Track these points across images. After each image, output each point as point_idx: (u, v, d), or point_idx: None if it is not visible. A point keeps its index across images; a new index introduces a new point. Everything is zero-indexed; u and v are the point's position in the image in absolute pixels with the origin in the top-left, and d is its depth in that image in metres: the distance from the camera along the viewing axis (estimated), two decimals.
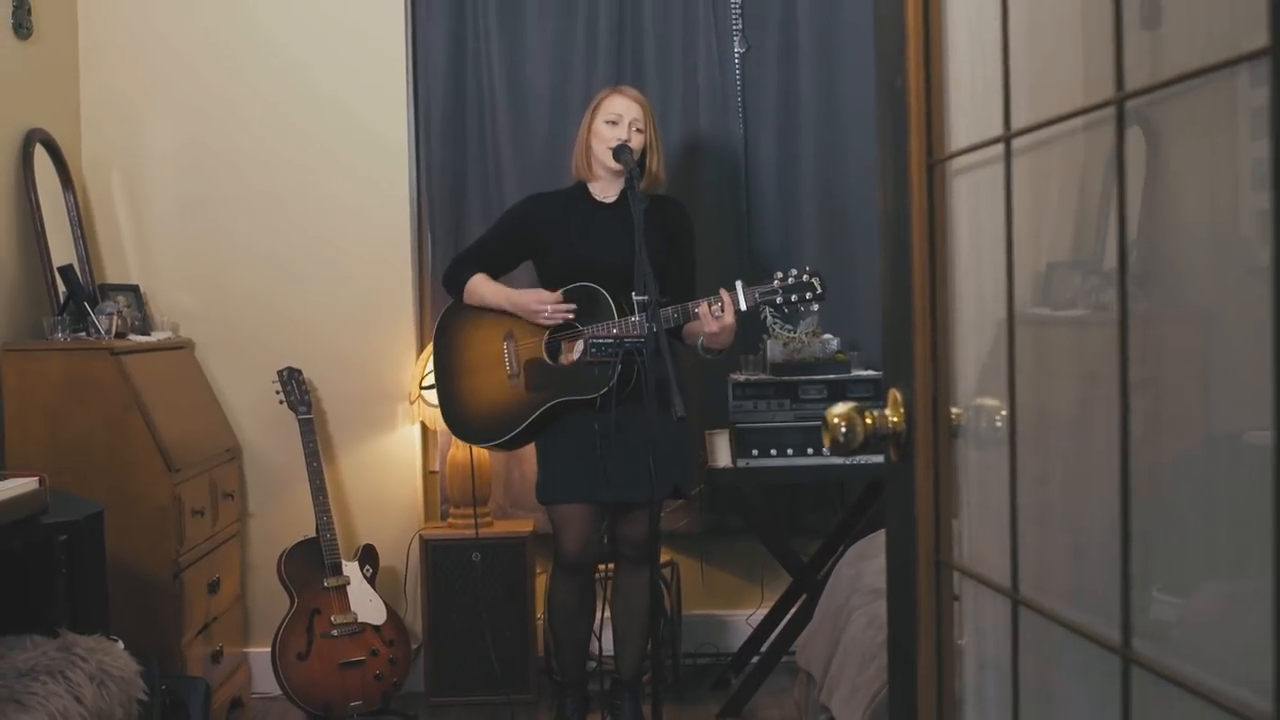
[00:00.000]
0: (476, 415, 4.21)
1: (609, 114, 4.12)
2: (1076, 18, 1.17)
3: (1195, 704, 0.96)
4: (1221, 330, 1.03)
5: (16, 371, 4.09)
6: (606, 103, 4.15)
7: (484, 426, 4.19)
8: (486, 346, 4.20)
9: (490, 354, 4.19)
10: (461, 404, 4.22)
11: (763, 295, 4.02)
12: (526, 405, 4.10)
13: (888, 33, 1.52)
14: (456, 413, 4.24)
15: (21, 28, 4.33)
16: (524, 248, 4.27)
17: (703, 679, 5.00)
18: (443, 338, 4.29)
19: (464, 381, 4.22)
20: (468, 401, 4.21)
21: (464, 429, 4.26)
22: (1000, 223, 1.33)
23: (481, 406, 4.19)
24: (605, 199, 4.22)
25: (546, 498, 4.16)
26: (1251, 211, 0.95)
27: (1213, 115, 0.98)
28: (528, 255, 4.30)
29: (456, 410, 4.23)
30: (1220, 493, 1.02)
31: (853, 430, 1.51)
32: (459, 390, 4.23)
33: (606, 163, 4.11)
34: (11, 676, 2.90)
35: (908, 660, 1.51)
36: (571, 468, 4.05)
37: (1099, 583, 1.13)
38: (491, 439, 4.19)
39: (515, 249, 4.28)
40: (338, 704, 4.46)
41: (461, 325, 4.26)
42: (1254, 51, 0.82)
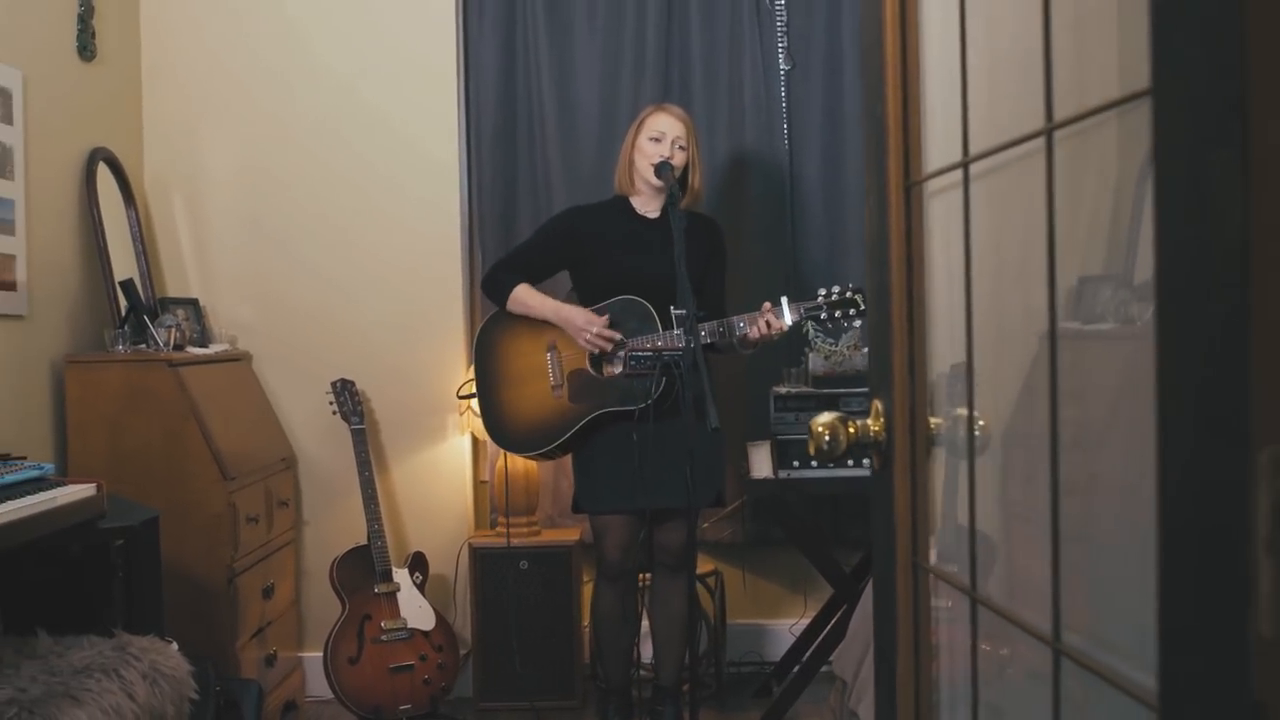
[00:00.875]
0: (519, 425, 4.31)
1: (653, 131, 4.21)
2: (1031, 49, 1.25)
3: (1109, 690, 1.03)
4: (1130, 349, 1.10)
5: (78, 382, 4.24)
6: (651, 120, 4.24)
7: (527, 436, 4.29)
8: (529, 358, 4.29)
9: (533, 365, 4.28)
10: (504, 414, 4.32)
11: (807, 311, 4.10)
12: (570, 416, 4.20)
13: (871, 62, 1.60)
14: (499, 422, 4.33)
15: (86, 50, 4.50)
16: (565, 258, 4.36)
17: (746, 687, 5.06)
18: (485, 348, 4.38)
19: (507, 392, 4.32)
20: (510, 412, 4.31)
21: (506, 438, 4.35)
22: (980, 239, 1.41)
23: (524, 417, 4.29)
24: (647, 213, 4.30)
25: (587, 507, 4.25)
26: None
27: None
28: (567, 266, 4.39)
29: (499, 420, 4.33)
30: (1134, 501, 1.09)
31: (835, 439, 1.59)
32: (501, 400, 4.32)
33: (649, 179, 4.20)
34: (67, 674, 3.03)
35: (889, 658, 1.58)
36: (611, 477, 4.14)
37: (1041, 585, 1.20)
38: (534, 449, 4.29)
39: (556, 259, 4.38)
40: (387, 707, 4.58)
41: (504, 336, 4.35)
42: (1139, 92, 0.89)
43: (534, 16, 5.11)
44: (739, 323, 4.06)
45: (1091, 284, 1.47)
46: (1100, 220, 1.43)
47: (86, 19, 4.47)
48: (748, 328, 4.05)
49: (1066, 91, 1.12)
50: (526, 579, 4.83)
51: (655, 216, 4.28)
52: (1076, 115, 1.09)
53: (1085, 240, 1.43)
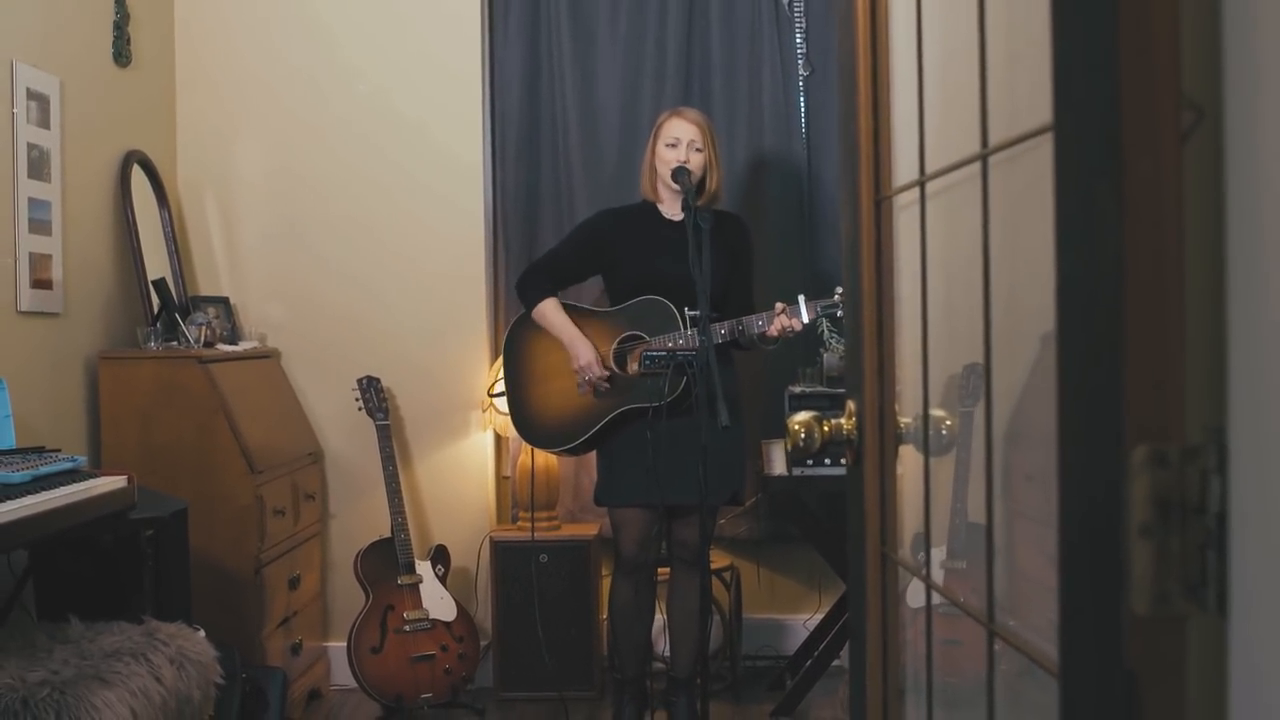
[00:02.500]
0: (546, 421, 4.43)
1: (669, 137, 4.32)
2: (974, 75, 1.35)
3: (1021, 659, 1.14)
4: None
5: (112, 378, 4.38)
6: (666, 126, 4.35)
7: (553, 432, 4.42)
8: (556, 356, 4.42)
9: (559, 363, 4.41)
10: (531, 410, 4.45)
11: (824, 308, 4.22)
12: (594, 413, 4.32)
13: (845, 84, 1.70)
14: (526, 418, 4.46)
15: (121, 56, 4.64)
16: (597, 261, 4.48)
17: (761, 680, 5.16)
18: (513, 346, 4.52)
19: (534, 389, 4.45)
20: (537, 408, 4.44)
21: (533, 434, 4.48)
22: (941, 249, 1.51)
23: (551, 413, 4.42)
24: (672, 217, 4.42)
25: (606, 500, 4.37)
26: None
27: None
28: (599, 269, 4.51)
29: (526, 416, 4.46)
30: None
31: (811, 436, 1.69)
32: (529, 397, 4.45)
33: (669, 184, 4.31)
34: (98, 657, 3.16)
35: (860, 641, 1.68)
36: (629, 472, 4.26)
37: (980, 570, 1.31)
38: (560, 444, 4.42)
39: (588, 262, 4.50)
40: (409, 696, 4.70)
41: (532, 335, 4.48)
42: (1043, 127, 0.99)
43: (557, 24, 5.23)
44: (757, 322, 4.17)
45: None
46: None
47: (122, 26, 4.62)
48: (766, 326, 4.16)
49: (1001, 118, 1.22)
50: (546, 572, 4.94)
51: (680, 219, 4.39)
52: (1005, 142, 1.20)
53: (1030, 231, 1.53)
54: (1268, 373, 0.80)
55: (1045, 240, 1.12)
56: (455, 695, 4.79)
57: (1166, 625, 0.88)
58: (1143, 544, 0.88)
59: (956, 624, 1.85)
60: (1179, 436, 0.87)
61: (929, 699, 1.50)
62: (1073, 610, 0.96)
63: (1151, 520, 0.88)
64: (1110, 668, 0.90)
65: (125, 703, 2.99)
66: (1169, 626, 0.88)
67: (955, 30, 1.43)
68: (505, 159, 5.27)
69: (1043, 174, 1.17)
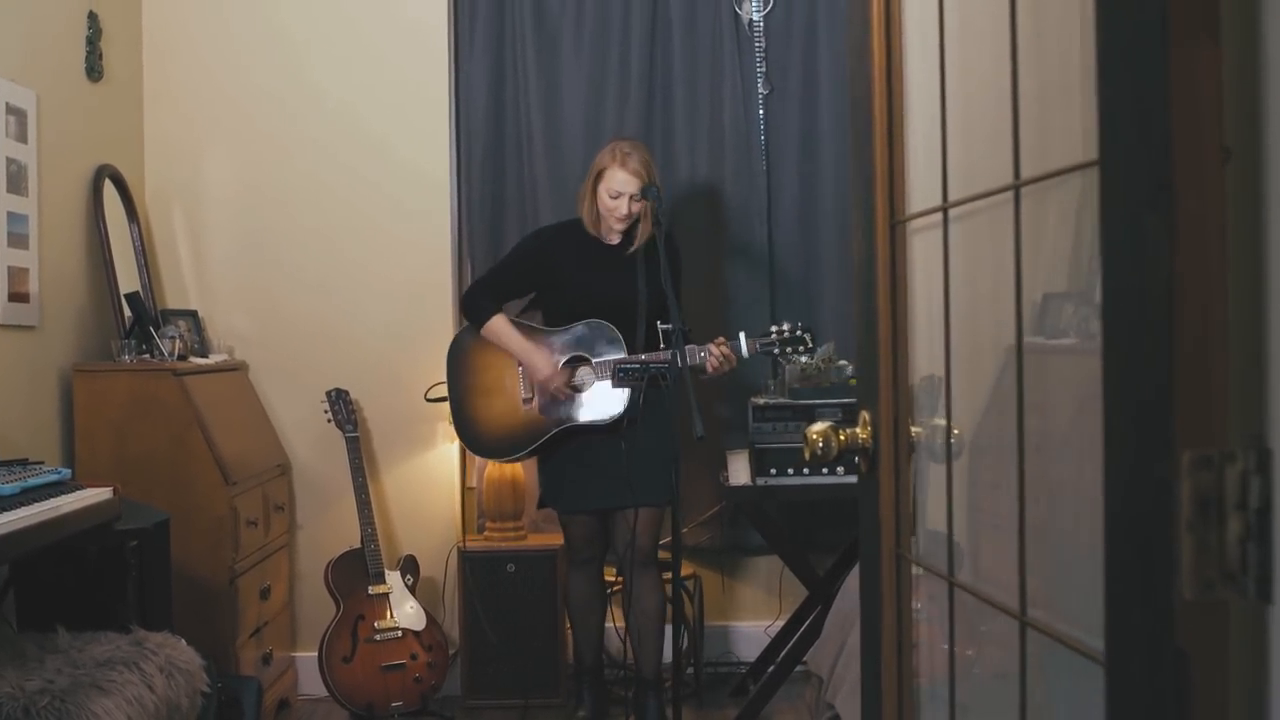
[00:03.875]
0: (491, 433, 4.60)
1: (611, 190, 4.42)
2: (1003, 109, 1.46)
3: (1066, 652, 1.24)
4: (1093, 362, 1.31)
5: (86, 391, 4.42)
6: (608, 175, 4.43)
7: (497, 443, 4.62)
8: (502, 370, 4.58)
9: (505, 378, 4.57)
10: (476, 422, 4.61)
11: (763, 346, 4.43)
12: (540, 427, 4.51)
13: (858, 113, 1.81)
14: (471, 429, 4.63)
15: (94, 71, 4.67)
16: (537, 279, 4.64)
17: (723, 686, 5.27)
18: (457, 359, 4.68)
19: (479, 400, 4.59)
20: (482, 420, 4.59)
21: (478, 444, 4.67)
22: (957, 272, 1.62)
23: (495, 425, 4.58)
24: (610, 241, 4.55)
25: (554, 504, 4.63)
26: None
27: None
28: (539, 286, 4.65)
29: (471, 427, 4.63)
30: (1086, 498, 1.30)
31: (829, 445, 1.80)
32: (474, 409, 4.60)
33: (614, 226, 4.47)
34: (90, 666, 3.21)
35: (874, 638, 1.79)
36: (575, 481, 4.51)
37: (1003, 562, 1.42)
38: (504, 455, 4.66)
39: (530, 279, 4.66)
40: (380, 704, 4.76)
41: (477, 349, 4.64)
42: (1089, 161, 1.11)
43: (522, 39, 5.32)
44: (699, 353, 4.33)
45: (1055, 300, 1.67)
46: (1063, 241, 1.63)
47: (95, 41, 4.65)
48: (706, 360, 4.33)
49: (1028, 151, 1.33)
50: (513, 581, 5.02)
51: (616, 243, 4.52)
52: (1040, 175, 1.31)
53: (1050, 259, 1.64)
54: None
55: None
56: (425, 703, 4.85)
57: (1212, 610, 0.99)
58: (1189, 537, 0.99)
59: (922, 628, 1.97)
60: (1222, 442, 0.99)
61: (951, 696, 1.60)
62: (1123, 597, 1.07)
63: (1196, 516, 0.99)
64: (1162, 648, 1.01)
65: (122, 710, 3.04)
66: (1214, 611, 0.99)
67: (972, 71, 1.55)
68: (471, 172, 5.36)
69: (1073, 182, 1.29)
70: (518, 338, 4.54)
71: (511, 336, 4.54)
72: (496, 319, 4.57)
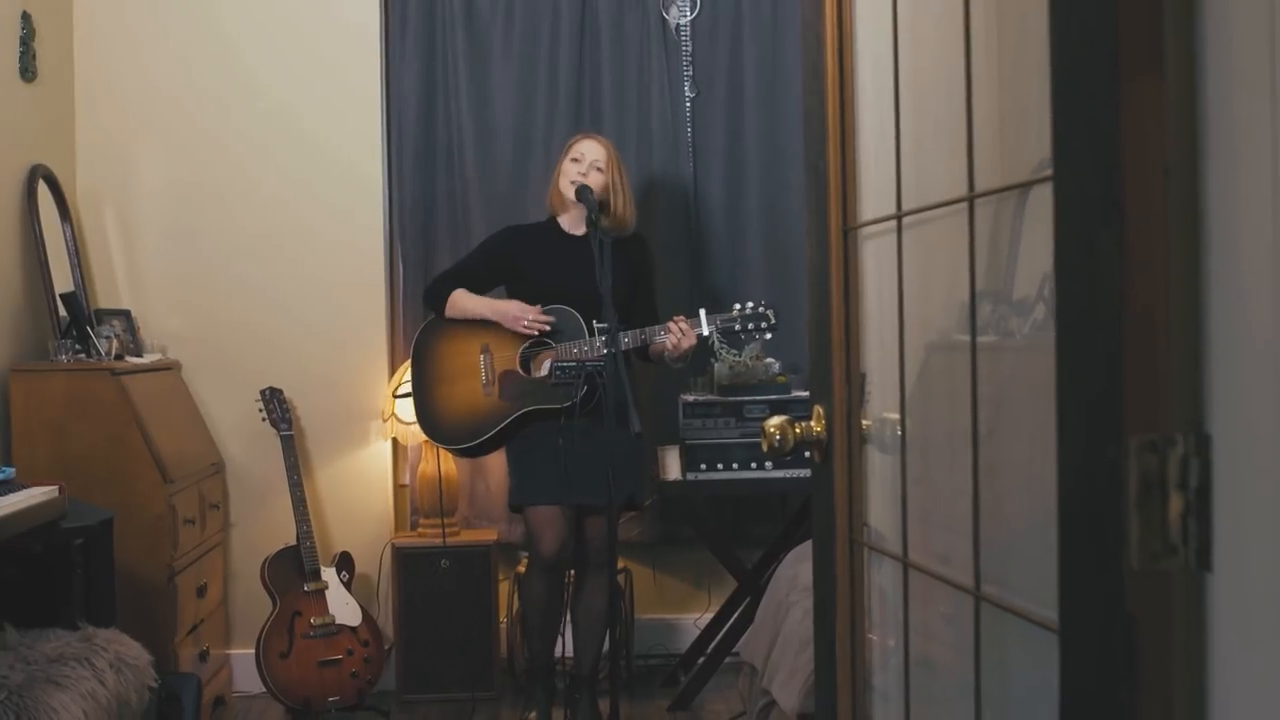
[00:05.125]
0: (450, 420, 4.61)
1: (575, 153, 4.56)
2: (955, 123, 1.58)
3: (1021, 624, 1.37)
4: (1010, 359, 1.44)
5: (23, 390, 4.43)
6: (575, 144, 4.61)
7: (457, 430, 4.60)
8: (463, 358, 4.60)
9: (466, 365, 4.59)
10: (436, 409, 4.62)
11: (723, 323, 4.48)
12: (499, 413, 4.51)
13: (813, 123, 1.93)
14: (431, 417, 4.64)
15: (27, 71, 4.68)
16: (500, 274, 4.69)
17: (654, 677, 5.39)
18: (421, 349, 4.71)
19: (439, 388, 4.63)
20: (442, 407, 4.61)
21: (437, 432, 4.65)
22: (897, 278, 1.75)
23: (455, 412, 4.59)
24: (574, 232, 4.64)
25: (522, 500, 4.55)
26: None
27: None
28: (503, 281, 4.70)
29: (431, 415, 4.63)
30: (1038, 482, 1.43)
31: (785, 437, 1.92)
32: (434, 396, 4.63)
33: (570, 198, 4.53)
34: (43, 663, 3.25)
35: (829, 623, 1.91)
36: (543, 473, 4.47)
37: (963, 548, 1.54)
38: (464, 442, 4.60)
39: (492, 274, 4.71)
40: (317, 700, 4.81)
41: (439, 338, 4.67)
42: (1045, 176, 1.23)
43: (453, 42, 5.40)
44: (659, 332, 4.40)
45: (979, 299, 1.79)
46: (981, 243, 1.75)
47: (28, 41, 4.66)
48: (665, 338, 4.39)
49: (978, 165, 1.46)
50: (447, 576, 5.10)
51: (581, 235, 4.60)
52: (995, 189, 1.44)
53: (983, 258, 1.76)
54: (1245, 378, 1.04)
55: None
56: (361, 698, 4.91)
57: (1156, 579, 1.12)
58: (1136, 514, 1.12)
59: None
60: (1165, 428, 1.12)
61: (906, 661, 1.73)
62: (1076, 569, 1.20)
63: (1142, 495, 1.12)
64: (1113, 614, 1.14)
65: (78, 704, 3.10)
66: (1158, 580, 1.12)
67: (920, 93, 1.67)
68: (403, 172, 5.43)
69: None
70: (479, 300, 4.61)
71: (475, 302, 4.60)
72: (457, 293, 4.62)
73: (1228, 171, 1.05)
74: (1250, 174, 1.01)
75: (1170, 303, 1.11)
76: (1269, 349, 1.00)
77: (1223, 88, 1.05)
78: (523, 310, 4.51)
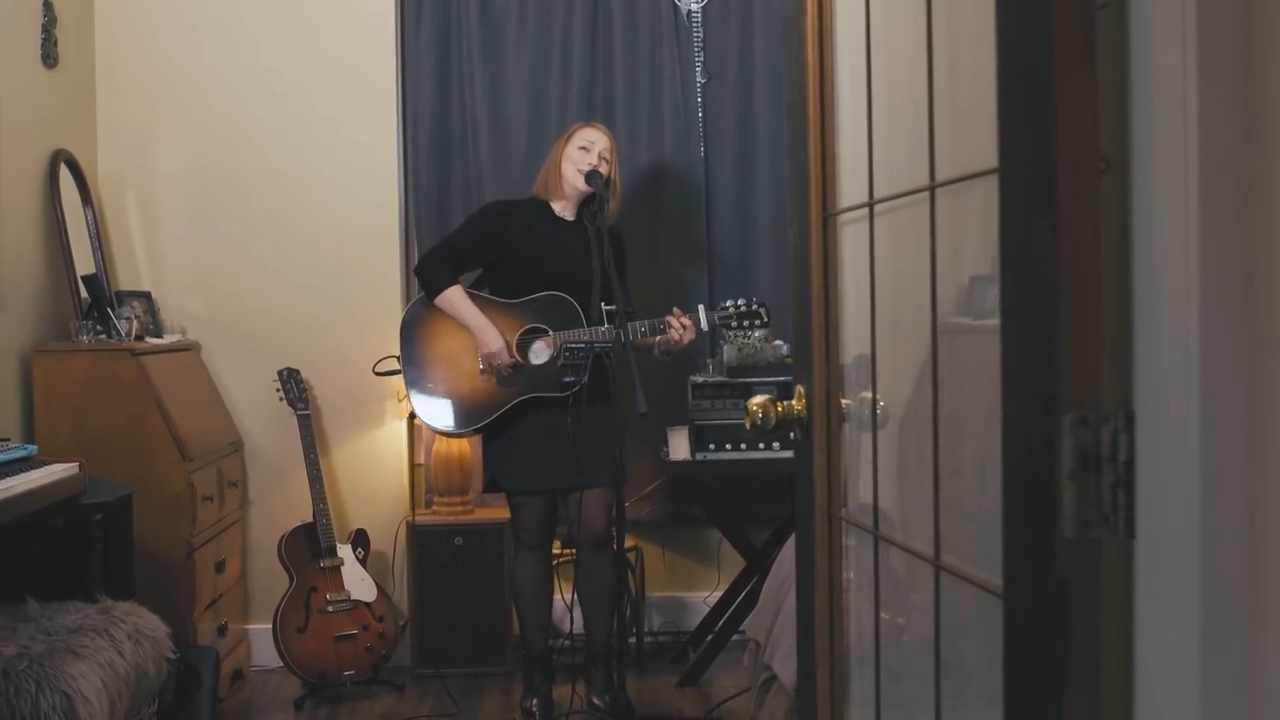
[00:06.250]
0: (446, 404, 4.63)
1: (583, 141, 4.60)
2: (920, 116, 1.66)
3: (974, 591, 1.45)
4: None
5: (46, 370, 4.54)
6: (581, 131, 4.64)
7: (454, 414, 4.62)
8: (454, 341, 4.61)
9: (460, 349, 4.60)
10: (431, 393, 4.63)
11: (720, 319, 4.58)
12: (497, 399, 4.56)
13: (795, 114, 2.00)
14: (426, 401, 4.65)
15: (49, 58, 4.78)
16: (494, 250, 4.68)
17: (664, 654, 5.48)
18: (411, 330, 4.68)
19: (433, 371, 4.63)
20: (437, 391, 4.63)
21: (434, 416, 4.67)
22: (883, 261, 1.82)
23: (451, 397, 4.61)
24: (564, 217, 4.69)
25: (508, 484, 4.63)
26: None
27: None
28: (495, 258, 4.71)
29: (426, 398, 4.64)
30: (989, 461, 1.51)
31: (767, 416, 2.00)
32: (428, 379, 4.64)
33: (576, 184, 4.58)
34: (63, 633, 3.35)
35: (808, 592, 1.99)
36: (530, 458, 4.55)
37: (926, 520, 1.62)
38: (461, 427, 4.64)
39: (485, 252, 4.70)
40: (333, 673, 4.92)
41: (430, 320, 4.66)
42: (989, 169, 1.31)
43: (467, 28, 5.48)
44: (660, 325, 4.48)
45: (981, 283, 1.86)
46: (990, 226, 1.82)
47: (50, 28, 4.76)
48: (669, 330, 4.47)
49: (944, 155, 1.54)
50: (461, 554, 5.20)
51: (571, 220, 4.67)
52: (953, 178, 1.52)
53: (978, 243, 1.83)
54: (1161, 361, 1.12)
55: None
56: (376, 672, 5.02)
57: (1087, 545, 1.20)
58: (1070, 485, 1.19)
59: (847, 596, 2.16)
60: (1097, 406, 1.19)
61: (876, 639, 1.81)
62: (1016, 537, 1.28)
63: (1078, 468, 1.19)
64: (1047, 578, 1.21)
65: (96, 674, 3.20)
66: (1089, 547, 1.20)
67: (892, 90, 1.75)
68: (418, 156, 5.52)
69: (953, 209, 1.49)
70: (472, 310, 4.56)
71: (467, 309, 4.56)
72: (453, 290, 4.59)
73: (1148, 167, 1.12)
74: (1166, 171, 1.09)
75: (1103, 289, 1.19)
76: (1181, 334, 1.07)
77: (1145, 88, 1.13)
78: (499, 350, 4.50)
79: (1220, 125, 1.04)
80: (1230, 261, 1.05)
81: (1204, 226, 1.05)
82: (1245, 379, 1.06)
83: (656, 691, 5.06)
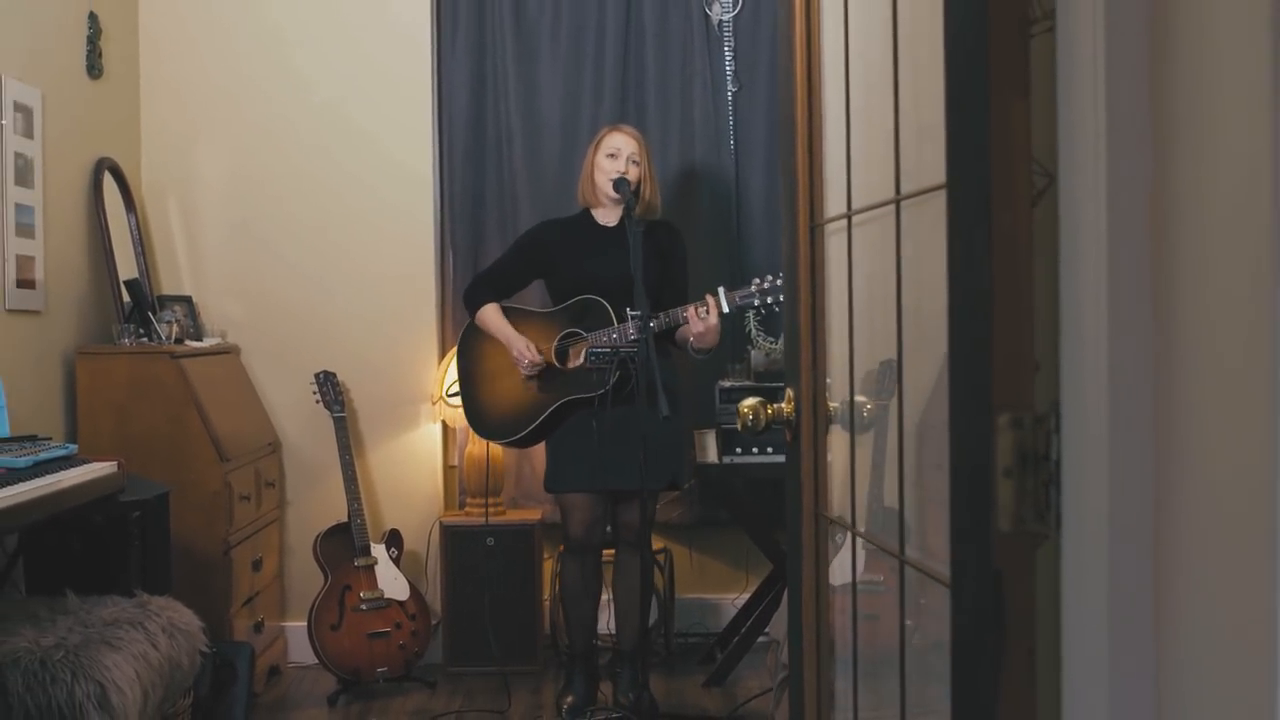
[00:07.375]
0: (495, 416, 4.78)
1: (609, 149, 4.70)
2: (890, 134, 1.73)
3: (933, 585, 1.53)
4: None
5: (88, 372, 4.68)
6: (607, 139, 4.73)
7: (502, 425, 4.77)
8: (503, 357, 4.76)
9: (506, 364, 4.75)
10: (482, 406, 4.80)
11: (742, 298, 4.60)
12: (538, 405, 4.68)
13: (786, 127, 2.08)
14: (478, 414, 4.82)
15: (94, 69, 4.93)
16: (536, 269, 4.85)
17: (693, 655, 5.56)
18: (465, 348, 4.89)
19: (485, 386, 4.80)
20: (488, 404, 4.79)
21: (484, 428, 4.83)
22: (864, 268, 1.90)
23: (499, 408, 4.77)
24: (607, 224, 4.79)
25: (554, 486, 4.72)
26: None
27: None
28: (539, 275, 4.87)
29: (478, 412, 4.81)
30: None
31: (758, 417, 2.08)
32: (480, 394, 4.81)
33: (607, 192, 4.68)
34: (99, 626, 3.47)
35: (796, 582, 2.07)
36: (574, 460, 4.62)
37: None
38: (508, 436, 4.76)
39: (528, 270, 4.87)
40: (366, 670, 5.03)
41: (482, 339, 4.84)
42: (938, 185, 1.39)
43: (502, 40, 5.59)
44: (682, 313, 4.54)
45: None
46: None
47: (95, 40, 4.91)
48: (688, 319, 4.53)
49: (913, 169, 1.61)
50: (493, 554, 5.30)
51: (614, 225, 4.76)
52: (915, 191, 1.59)
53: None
54: (1083, 364, 1.19)
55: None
56: (408, 669, 5.13)
57: (1021, 539, 1.27)
58: (1005, 482, 1.27)
59: (875, 600, 2.23)
60: (1030, 407, 1.27)
61: (854, 630, 1.88)
62: (960, 530, 1.36)
63: (1016, 465, 1.27)
64: (984, 568, 1.29)
65: (130, 665, 3.31)
66: (1023, 540, 1.27)
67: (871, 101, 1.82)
68: (453, 167, 5.63)
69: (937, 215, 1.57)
70: (501, 323, 4.73)
71: (496, 322, 4.74)
72: (487, 308, 4.78)
73: (1070, 183, 1.20)
74: (1082, 187, 1.16)
75: (1035, 297, 1.26)
76: (1096, 339, 1.15)
77: (1067, 108, 1.20)
78: (522, 351, 4.64)
79: (1127, 143, 1.11)
80: (1137, 272, 1.12)
81: (1111, 236, 1.12)
82: (1151, 381, 1.13)
83: (683, 691, 5.14)
